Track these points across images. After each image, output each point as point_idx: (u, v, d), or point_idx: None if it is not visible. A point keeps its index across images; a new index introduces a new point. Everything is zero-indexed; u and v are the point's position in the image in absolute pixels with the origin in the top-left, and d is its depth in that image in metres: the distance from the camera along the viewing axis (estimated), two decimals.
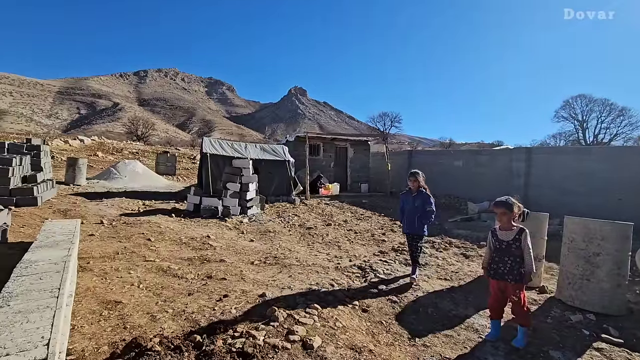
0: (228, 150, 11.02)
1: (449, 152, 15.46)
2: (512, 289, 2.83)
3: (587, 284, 3.50)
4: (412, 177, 4.33)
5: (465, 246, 6.36)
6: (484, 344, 2.88)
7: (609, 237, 3.43)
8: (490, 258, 2.98)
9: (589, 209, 8.02)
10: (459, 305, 3.69)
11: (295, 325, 2.89)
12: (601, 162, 8.77)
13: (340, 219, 8.88)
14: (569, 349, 2.84)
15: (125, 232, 6.00)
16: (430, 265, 5.11)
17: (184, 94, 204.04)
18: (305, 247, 6.04)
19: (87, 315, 2.89)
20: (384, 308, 3.54)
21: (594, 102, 36.39)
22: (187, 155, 28.12)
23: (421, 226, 4.27)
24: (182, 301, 3.32)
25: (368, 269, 4.71)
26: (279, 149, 12.16)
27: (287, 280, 4.17)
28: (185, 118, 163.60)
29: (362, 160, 16.27)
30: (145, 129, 45.68)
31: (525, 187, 10.31)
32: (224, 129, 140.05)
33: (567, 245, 3.75)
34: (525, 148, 11.00)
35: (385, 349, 2.76)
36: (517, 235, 2.84)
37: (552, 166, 9.82)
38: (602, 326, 3.22)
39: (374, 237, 6.89)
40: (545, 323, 3.31)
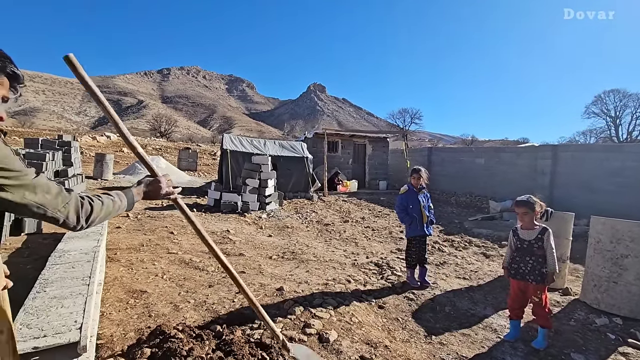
0: (247, 146, 11.19)
1: (470, 149, 15.10)
2: (534, 290, 2.77)
3: (614, 286, 3.37)
4: (415, 173, 4.04)
5: (486, 245, 6.23)
6: (502, 344, 2.84)
7: (639, 238, 3.29)
8: (511, 258, 2.93)
9: (619, 209, 7.66)
10: (477, 304, 3.64)
11: (311, 319, 2.94)
12: (632, 161, 8.34)
13: (358, 215, 8.88)
14: (592, 353, 2.76)
15: (150, 225, 6.23)
16: (449, 264, 5.04)
17: (205, 91, 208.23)
18: (322, 243, 6.09)
19: (115, 303, 3.04)
20: (400, 305, 3.54)
21: (628, 96, 34.46)
22: (208, 152, 28.74)
23: (430, 224, 4.10)
24: (203, 292, 3.43)
25: (385, 266, 4.71)
26: (297, 145, 12.24)
27: (305, 275, 4.23)
28: (206, 115, 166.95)
29: (380, 157, 16.13)
30: (168, 125, 46.97)
31: (550, 186, 9.95)
32: (244, 126, 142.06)
33: (593, 246, 3.62)
34: (551, 145, 10.59)
35: (401, 345, 2.77)
36: (539, 234, 2.77)
37: (580, 164, 9.43)
38: (630, 331, 3.10)
39: (392, 235, 6.86)
40: (568, 325, 3.22)
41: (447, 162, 14.35)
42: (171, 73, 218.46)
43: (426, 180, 4.11)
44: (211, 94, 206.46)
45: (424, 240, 4.12)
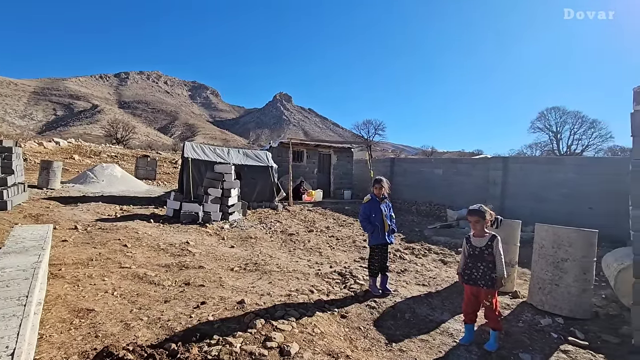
0: (210, 155, 10.90)
1: (430, 160, 15.80)
2: (485, 294, 2.92)
3: (556, 288, 3.64)
4: (377, 184, 4.13)
5: (444, 252, 6.50)
6: (458, 348, 2.96)
7: (576, 243, 3.60)
8: (464, 264, 3.08)
9: (562, 217, 8.35)
10: (435, 310, 3.77)
11: (273, 332, 2.88)
12: (573, 173, 9.17)
13: (323, 225, 8.91)
14: (538, 352, 2.95)
15: (101, 237, 5.83)
16: (409, 271, 5.19)
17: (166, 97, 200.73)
18: (286, 253, 6.03)
19: (56, 324, 2.79)
20: (362, 314, 3.57)
21: (567, 114, 38.06)
22: (169, 160, 27.60)
23: (392, 233, 4.20)
24: (158, 308, 3.25)
25: (348, 275, 4.75)
26: (262, 154, 12.12)
27: (267, 286, 4.15)
28: (168, 122, 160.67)
29: (345, 167, 16.39)
30: (125, 132, 44.55)
31: (502, 196, 10.64)
32: (208, 134, 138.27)
33: (538, 251, 3.90)
34: (502, 157, 11.37)
35: (362, 355, 2.78)
36: (489, 241, 2.94)
37: (527, 175, 10.19)
38: (570, 329, 3.35)
39: (355, 244, 6.94)
40: (517, 327, 3.42)
41: (409, 173, 14.88)
42: (130, 77, 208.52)
43: (388, 190, 4.22)
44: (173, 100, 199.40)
45: (386, 248, 4.21)
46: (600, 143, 35.96)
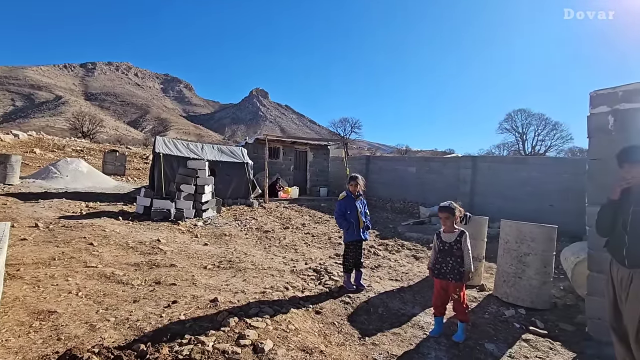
0: (183, 150, 10.61)
1: (404, 158, 16.16)
2: (453, 288, 3.04)
3: (519, 281, 3.85)
4: (353, 181, 4.19)
5: (416, 248, 6.68)
6: (428, 340, 3.06)
7: (538, 238, 3.81)
8: (434, 259, 3.18)
9: (526, 213, 8.78)
10: (407, 304, 3.88)
11: (247, 330, 2.86)
12: (536, 172, 9.67)
13: (299, 222, 8.91)
14: (501, 341, 3.10)
15: (64, 236, 5.54)
16: (383, 267, 5.30)
17: (137, 90, 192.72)
18: (261, 250, 5.99)
19: (14, 328, 2.63)
20: (336, 309, 3.62)
21: (532, 116, 40.03)
22: (139, 155, 26.57)
23: (367, 229, 4.28)
24: (126, 309, 3.14)
25: (323, 272, 4.78)
26: (237, 150, 11.94)
27: (242, 284, 4.11)
28: (138, 115, 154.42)
29: (321, 164, 16.45)
30: (92, 125, 42.36)
31: (471, 193, 11.06)
32: (181, 129, 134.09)
33: (503, 246, 4.10)
34: (471, 157, 11.82)
35: (335, 349, 2.82)
36: (458, 237, 3.06)
37: (495, 174, 10.64)
38: (531, 319, 3.55)
39: (331, 240, 7.00)
40: (483, 318, 3.58)
41: (384, 170, 15.14)
42: (97, 68, 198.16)
43: (363, 187, 4.29)
44: (144, 93, 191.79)
45: (361, 244, 4.28)
46: (561, 144, 38.16)
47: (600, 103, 3.19)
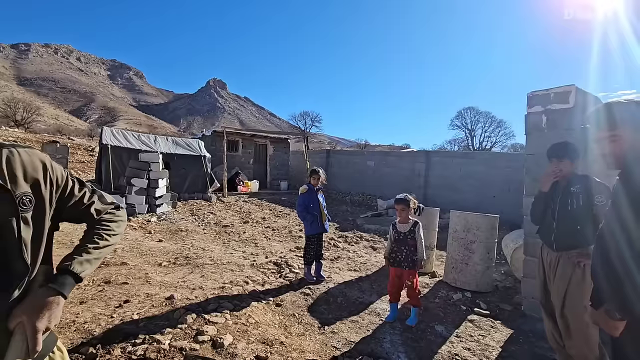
0: (134, 142, 9.99)
1: (363, 152, 16.57)
2: (407, 275, 3.22)
3: (466, 267, 4.16)
4: (314, 174, 4.28)
5: (374, 239, 6.93)
6: (384, 325, 3.22)
7: (482, 227, 4.14)
8: (390, 248, 3.34)
9: (473, 204, 9.46)
10: (365, 293, 4.03)
11: (205, 326, 2.81)
12: (481, 166, 10.42)
13: (259, 216, 8.83)
14: (450, 323, 3.35)
15: None
16: (342, 258, 5.44)
17: (80, 75, 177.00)
18: (220, 245, 5.87)
19: None
20: (297, 301, 3.67)
21: (480, 114, 42.91)
22: (84, 147, 24.53)
23: (327, 221, 4.38)
24: (72, 311, 2.94)
25: (284, 265, 4.81)
26: (194, 143, 11.49)
27: (199, 280, 4.01)
28: (82, 104, 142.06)
29: (282, 158, 16.35)
30: (27, 113, 38.28)
31: (425, 186, 11.65)
32: (131, 119, 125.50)
33: (452, 235, 4.40)
34: (425, 151, 12.43)
35: (296, 340, 2.87)
36: (412, 227, 3.24)
37: (446, 168, 11.29)
38: (476, 301, 3.86)
39: (291, 234, 7.03)
40: (434, 303, 3.84)
41: (344, 164, 15.42)
42: (31, 50, 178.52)
43: (324, 180, 4.37)
44: (88, 79, 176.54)
45: (322, 237, 4.39)
46: (505, 140, 41.38)
47: (535, 103, 3.53)
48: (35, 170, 0.99)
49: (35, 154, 1.01)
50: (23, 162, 0.97)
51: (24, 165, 0.97)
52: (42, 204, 1.00)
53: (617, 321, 1.26)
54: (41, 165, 1.01)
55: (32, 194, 0.97)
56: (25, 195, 0.95)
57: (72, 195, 1.11)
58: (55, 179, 1.04)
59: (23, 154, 0.98)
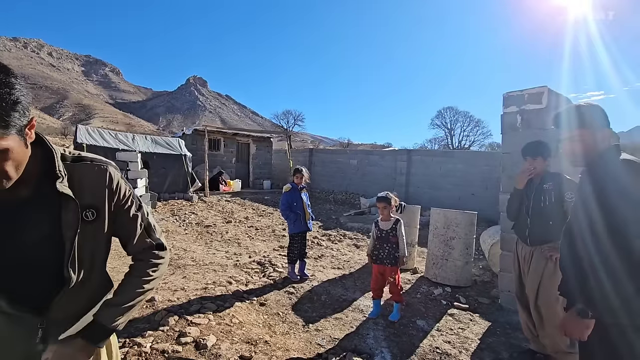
0: (110, 141, 9.69)
1: (345, 151, 16.67)
2: (390, 271, 3.28)
3: (446, 263, 4.27)
4: (298, 173, 4.29)
5: (357, 237, 7.00)
6: (367, 321, 3.27)
7: (461, 224, 4.26)
8: (373, 246, 3.39)
9: (452, 202, 9.72)
10: (348, 290, 4.08)
11: (188, 327, 2.78)
12: (460, 164, 10.68)
13: (242, 215, 8.75)
14: (431, 317, 3.43)
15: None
16: (325, 257, 5.47)
17: (51, 71, 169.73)
18: (202, 246, 5.79)
19: None
20: (281, 300, 3.67)
21: (458, 113, 44.04)
22: (57, 146, 23.57)
23: (311, 220, 4.39)
24: None
25: (267, 264, 4.79)
26: (174, 142, 11.25)
27: (181, 281, 3.95)
28: (54, 101, 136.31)
29: (264, 156, 16.25)
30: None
31: (406, 184, 11.85)
32: (108, 117, 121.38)
33: (432, 232, 4.50)
34: (406, 150, 12.64)
35: (280, 338, 2.88)
36: (393, 225, 3.30)
37: (426, 166, 11.52)
38: (455, 296, 3.97)
39: (275, 233, 7.01)
40: (416, 298, 3.92)
41: (327, 163, 15.47)
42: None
43: (307, 179, 4.39)
44: (61, 75, 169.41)
45: (305, 235, 4.40)
46: (483, 139, 42.63)
47: (510, 104, 3.65)
48: (101, 186, 1.04)
49: (103, 170, 1.05)
50: (92, 177, 1.03)
51: (92, 180, 1.03)
52: (103, 220, 1.05)
53: (588, 320, 1.29)
54: (107, 181, 1.05)
55: (95, 209, 1.02)
56: (89, 208, 1.01)
57: (126, 214, 1.12)
58: (118, 196, 1.08)
59: (93, 168, 1.04)
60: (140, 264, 1.16)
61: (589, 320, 1.29)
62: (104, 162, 1.07)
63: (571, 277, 1.45)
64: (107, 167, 1.06)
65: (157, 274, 1.17)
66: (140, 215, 1.14)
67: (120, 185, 1.08)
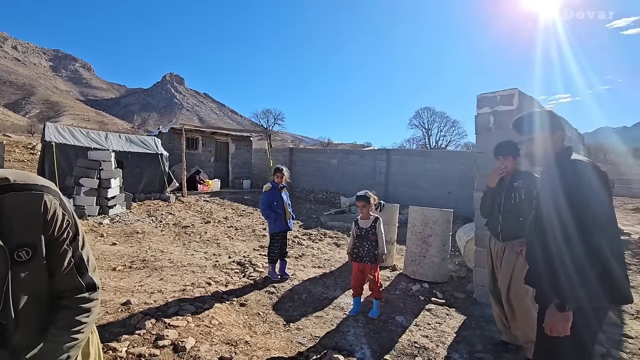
0: (82, 139, 9.31)
1: (326, 151, 16.73)
2: (369, 269, 3.33)
3: (424, 259, 4.38)
4: (278, 172, 4.27)
5: (338, 236, 7.05)
6: (348, 319, 3.30)
7: (438, 221, 4.38)
8: (353, 244, 3.43)
9: (430, 200, 9.95)
10: (329, 288, 4.10)
11: (165, 330, 2.72)
12: (437, 163, 10.96)
13: (221, 215, 8.62)
14: (409, 313, 3.51)
15: None
16: (306, 256, 5.48)
17: (16, 66, 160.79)
18: (180, 247, 5.67)
19: None
20: (261, 300, 3.65)
21: (435, 114, 45.16)
22: (23, 144, 22.34)
23: (291, 219, 4.39)
24: None
25: (247, 264, 4.75)
26: (149, 140, 10.94)
27: (158, 283, 3.86)
28: (20, 97, 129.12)
29: (244, 156, 16.06)
30: None
31: (385, 183, 12.04)
32: (78, 115, 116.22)
33: (411, 229, 4.61)
34: (385, 150, 12.84)
35: (261, 338, 2.87)
36: (373, 223, 3.35)
37: (405, 165, 11.74)
38: (432, 291, 4.08)
39: (255, 233, 6.95)
40: (395, 294, 4.00)
41: (307, 162, 15.47)
42: None
43: (288, 178, 4.38)
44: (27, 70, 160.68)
45: (286, 235, 4.39)
46: (459, 139, 43.91)
47: (484, 105, 3.79)
48: (35, 218, 0.89)
49: (37, 199, 0.90)
50: (24, 208, 0.88)
51: (24, 212, 0.88)
52: (41, 256, 0.92)
53: (567, 313, 1.39)
54: (42, 211, 0.90)
55: (29, 246, 0.89)
56: (22, 247, 0.87)
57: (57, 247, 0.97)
58: (53, 227, 0.93)
59: (26, 198, 0.88)
60: (68, 313, 1.00)
61: (567, 313, 1.39)
62: (38, 187, 0.91)
63: (536, 269, 1.55)
64: (43, 195, 0.90)
65: (89, 319, 1.03)
66: (71, 249, 0.98)
67: (57, 215, 0.93)
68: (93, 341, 1.18)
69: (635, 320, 3.49)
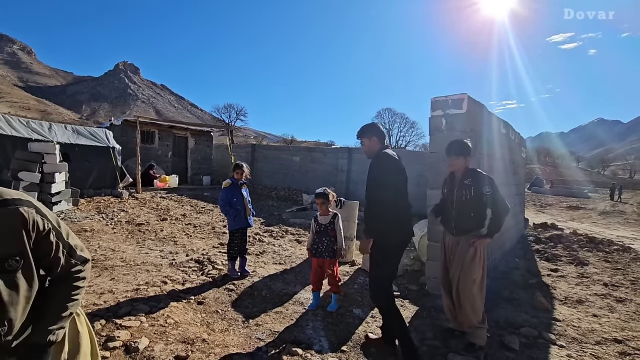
0: (21, 129, 8.49)
1: (288, 148, 16.69)
2: (328, 264, 3.42)
3: None
4: (238, 169, 4.23)
5: (299, 233, 7.10)
6: (307, 313, 3.37)
7: None
8: (312, 240, 3.50)
9: None
10: (289, 284, 4.14)
11: (117, 331, 2.62)
12: None
13: (178, 212, 8.32)
14: (366, 306, 3.65)
15: None
16: (267, 253, 5.47)
17: None
18: (133, 245, 5.40)
19: None
20: (220, 297, 3.61)
21: (396, 115, 46.78)
22: None
23: (252, 215, 4.38)
24: None
25: (206, 262, 4.66)
26: (100, 133, 10.24)
27: (109, 283, 3.67)
28: None
29: (204, 151, 15.57)
30: None
31: (347, 181, 12.28)
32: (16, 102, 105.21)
33: None
34: (347, 148, 13.08)
35: (219, 336, 2.85)
36: (332, 219, 3.44)
37: (366, 164, 11.93)
38: None
39: (215, 230, 6.81)
40: (353, 288, 4.13)
41: (269, 159, 15.34)
42: None
43: (248, 175, 4.34)
44: None
45: (246, 231, 4.35)
46: (417, 140, 45.89)
47: (437, 108, 4.02)
48: (17, 230, 0.98)
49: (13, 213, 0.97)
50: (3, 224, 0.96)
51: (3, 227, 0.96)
52: (29, 263, 1.03)
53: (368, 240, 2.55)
54: (22, 224, 0.98)
55: (18, 255, 0.98)
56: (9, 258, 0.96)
57: (47, 248, 1.09)
58: (36, 236, 1.04)
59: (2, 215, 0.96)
60: (66, 281, 1.18)
61: (368, 240, 2.55)
62: (11, 202, 0.98)
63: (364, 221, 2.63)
64: (18, 209, 0.98)
65: (84, 283, 1.24)
66: (61, 243, 1.12)
67: (36, 223, 1.02)
68: (82, 321, 1.33)
69: (564, 305, 3.91)
